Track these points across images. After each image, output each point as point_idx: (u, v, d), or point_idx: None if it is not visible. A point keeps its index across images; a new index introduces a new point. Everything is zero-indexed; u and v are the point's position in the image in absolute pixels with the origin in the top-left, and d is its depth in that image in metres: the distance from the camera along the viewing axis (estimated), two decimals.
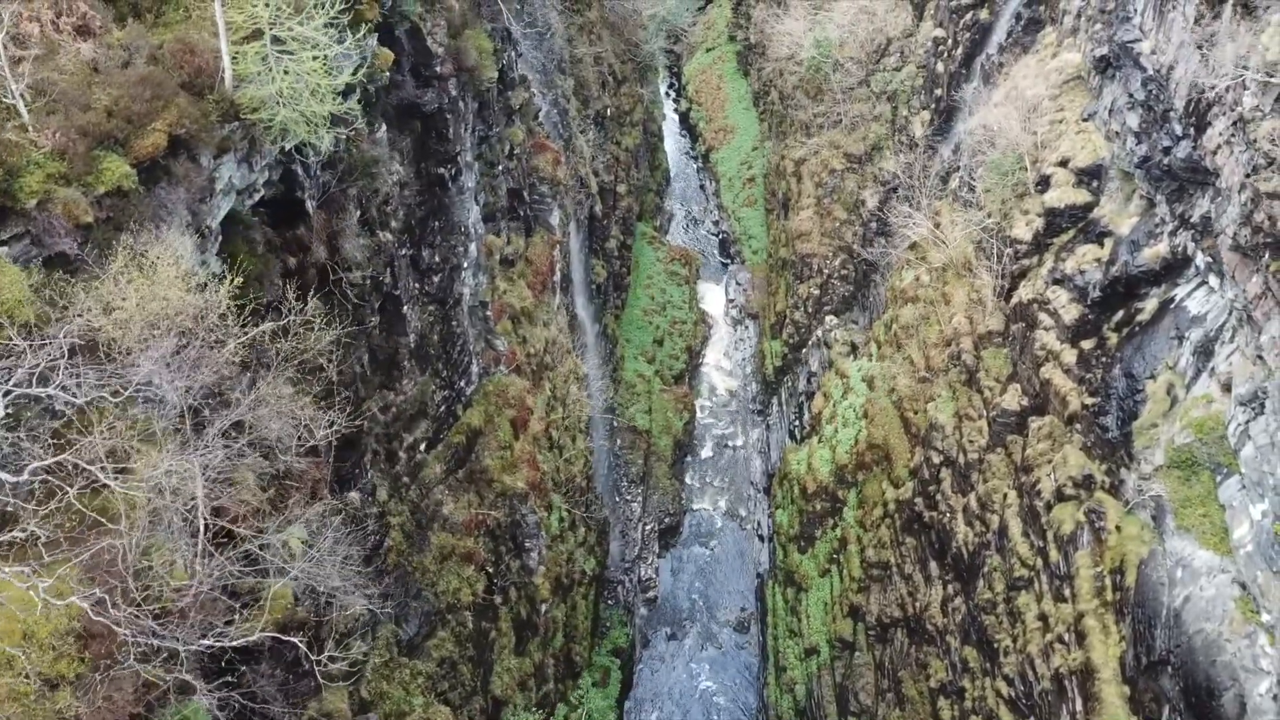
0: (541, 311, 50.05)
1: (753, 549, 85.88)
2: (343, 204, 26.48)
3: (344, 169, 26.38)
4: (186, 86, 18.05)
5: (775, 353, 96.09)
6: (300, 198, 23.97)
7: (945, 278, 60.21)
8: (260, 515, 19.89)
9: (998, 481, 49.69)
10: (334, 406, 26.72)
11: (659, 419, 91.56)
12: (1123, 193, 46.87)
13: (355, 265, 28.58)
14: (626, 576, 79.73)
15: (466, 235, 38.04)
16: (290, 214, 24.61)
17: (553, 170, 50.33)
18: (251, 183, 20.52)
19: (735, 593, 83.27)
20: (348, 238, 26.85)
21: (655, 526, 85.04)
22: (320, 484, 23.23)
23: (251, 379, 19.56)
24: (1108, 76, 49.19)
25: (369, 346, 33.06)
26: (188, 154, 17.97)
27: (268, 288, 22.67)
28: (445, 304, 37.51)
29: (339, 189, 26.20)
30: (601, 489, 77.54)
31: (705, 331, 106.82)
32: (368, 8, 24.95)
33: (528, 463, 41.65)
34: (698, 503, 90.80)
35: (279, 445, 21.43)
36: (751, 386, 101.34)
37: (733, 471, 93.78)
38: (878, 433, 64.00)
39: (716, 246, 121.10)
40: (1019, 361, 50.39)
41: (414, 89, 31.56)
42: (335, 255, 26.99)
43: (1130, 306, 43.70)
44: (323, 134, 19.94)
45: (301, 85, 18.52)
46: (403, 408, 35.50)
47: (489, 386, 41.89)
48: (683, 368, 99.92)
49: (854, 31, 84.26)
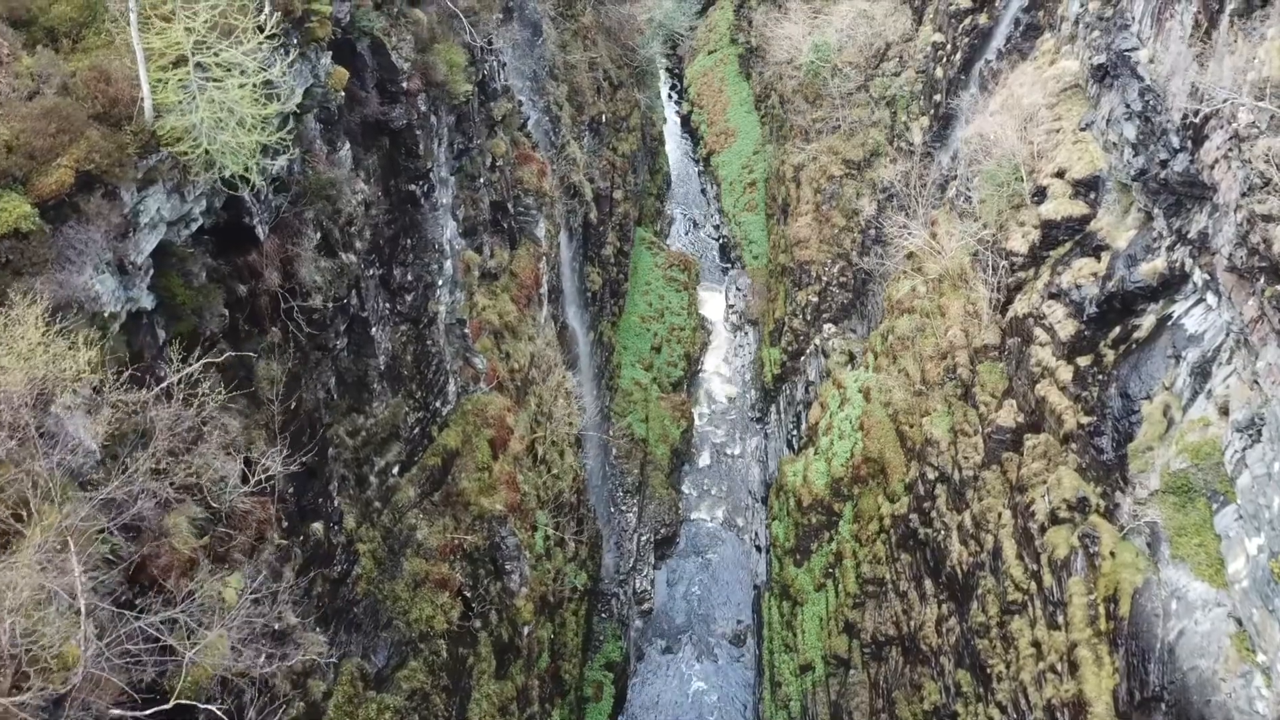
0: (526, 325, 49.01)
1: (750, 560, 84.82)
2: (299, 228, 25.47)
3: (299, 191, 25.35)
4: (101, 118, 16.96)
5: (774, 360, 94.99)
6: (249, 224, 22.96)
7: (941, 289, 59.07)
8: (193, 567, 18.86)
9: (992, 500, 48.55)
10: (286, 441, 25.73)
11: (656, 427, 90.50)
12: (1120, 205, 45.72)
13: (315, 289, 27.55)
14: (621, 589, 78.68)
15: (441, 252, 36.99)
16: (240, 239, 23.59)
17: (538, 182, 49.28)
18: (185, 213, 19.50)
19: (732, 604, 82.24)
20: (304, 262, 25.83)
21: (651, 537, 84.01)
22: (266, 524, 22.20)
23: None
24: (1105, 85, 48.04)
25: (336, 370, 32.04)
26: (103, 189, 16.94)
27: (209, 320, 21.61)
28: (419, 323, 36.48)
29: (294, 212, 25.18)
30: (595, 500, 76.56)
31: (704, 338, 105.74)
32: (318, 25, 23.91)
33: (507, 484, 40.60)
34: (695, 512, 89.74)
35: (213, 490, 20.41)
36: (750, 394, 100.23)
37: (731, 480, 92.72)
38: (873, 446, 62.90)
39: (717, 251, 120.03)
40: (1015, 377, 49.26)
41: (379, 105, 30.54)
42: (291, 280, 25.97)
43: (1127, 323, 42.54)
44: (253, 167, 18.88)
45: (228, 115, 17.44)
46: (373, 431, 34.48)
47: (467, 405, 40.86)
48: (681, 375, 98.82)
49: (853, 36, 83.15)
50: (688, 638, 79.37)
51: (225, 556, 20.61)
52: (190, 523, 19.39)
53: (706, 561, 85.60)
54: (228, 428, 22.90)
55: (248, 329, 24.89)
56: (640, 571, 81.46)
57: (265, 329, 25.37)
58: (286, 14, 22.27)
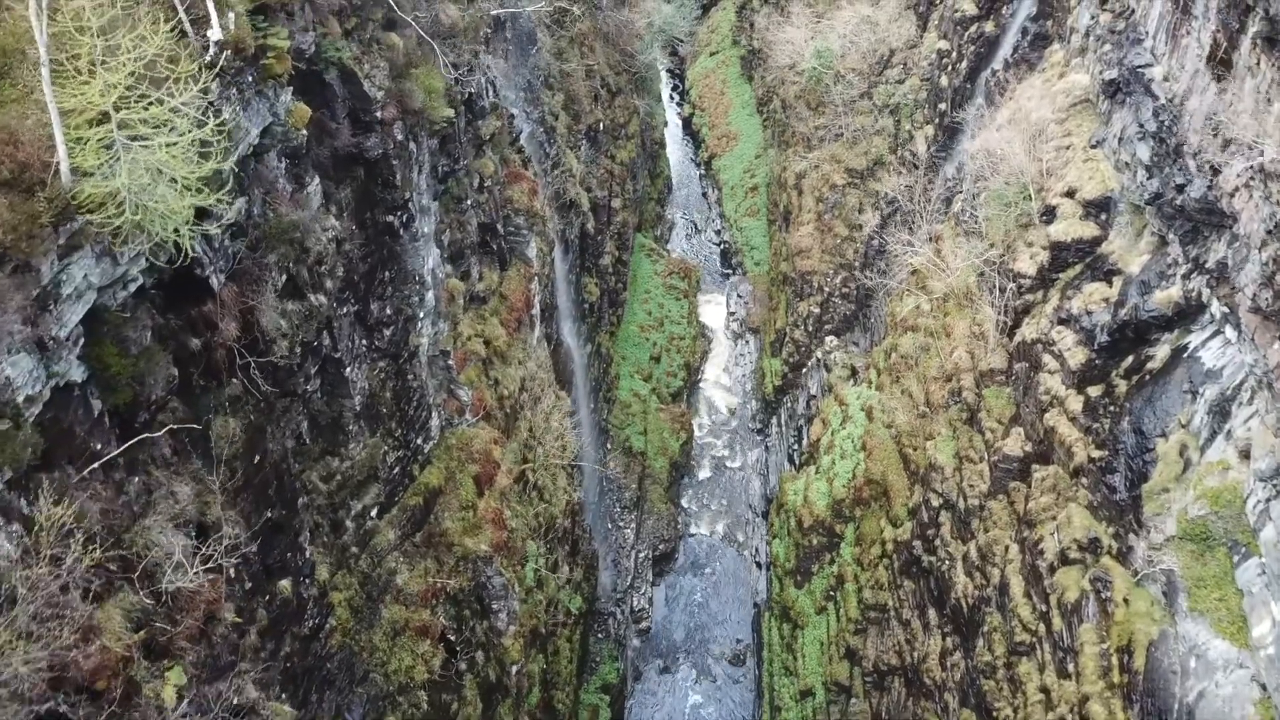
0: (516, 349, 47.34)
1: (750, 577, 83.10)
2: (259, 274, 23.79)
3: (259, 236, 23.68)
4: (9, 184, 15.28)
5: (775, 371, 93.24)
6: (203, 275, 21.28)
7: (946, 308, 57.30)
8: (128, 665, 17.21)
9: (999, 532, 46.86)
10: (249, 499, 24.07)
11: (655, 440, 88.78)
12: (1133, 227, 43.93)
13: (279, 336, 25.85)
14: (618, 608, 77.04)
15: (422, 283, 35.29)
16: (193, 289, 21.89)
17: (529, 201, 47.58)
18: (119, 276, 17.83)
19: (731, 623, 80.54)
20: (267, 309, 24.14)
21: (649, 554, 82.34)
22: (217, 603, 20.53)
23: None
24: (1117, 102, 46.23)
25: (308, 413, 30.39)
26: (13, 264, 15.26)
27: (154, 384, 19.90)
28: (399, 358, 34.81)
29: (254, 258, 23.51)
30: (592, 517, 74.93)
31: (705, 346, 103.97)
32: (276, 61, 22.20)
33: (493, 522, 38.93)
34: (694, 527, 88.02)
35: (158, 573, 18.77)
36: (751, 404, 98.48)
37: (731, 494, 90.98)
38: (876, 468, 61.17)
39: (718, 256, 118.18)
40: (1022, 404, 47.53)
41: (351, 136, 28.82)
42: (252, 330, 24.27)
43: (1140, 352, 40.80)
44: (185, 234, 17.16)
45: (156, 177, 15.74)
46: (349, 474, 32.83)
47: (451, 440, 39.19)
48: (681, 385, 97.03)
49: (856, 42, 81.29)
50: (686, 657, 77.71)
51: (167, 648, 18.94)
52: (125, 615, 17.72)
53: (706, 578, 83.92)
54: (177, 496, 21.22)
55: (203, 383, 23.20)
56: (638, 589, 79.80)
57: (223, 382, 23.68)
58: (237, 52, 20.58)
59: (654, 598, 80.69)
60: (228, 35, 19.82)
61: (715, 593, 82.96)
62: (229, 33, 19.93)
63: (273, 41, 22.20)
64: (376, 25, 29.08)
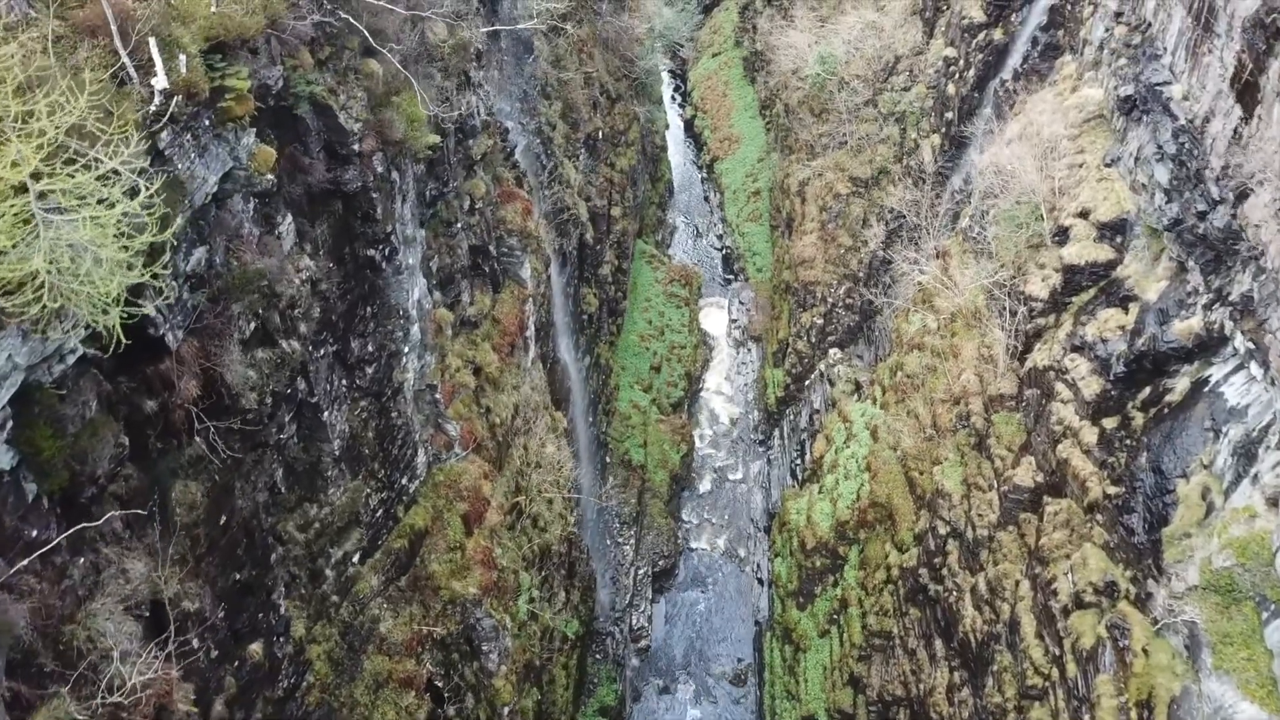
0: (509, 375, 45.67)
1: (752, 593, 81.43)
2: (222, 327, 22.14)
3: (223, 286, 22.03)
4: None
5: (778, 382, 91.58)
6: (157, 334, 19.63)
7: (953, 327, 55.58)
8: None
9: (1009, 565, 45.18)
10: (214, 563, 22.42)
11: (655, 452, 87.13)
12: (1150, 251, 42.21)
13: (248, 387, 24.19)
14: (616, 627, 75.42)
15: (406, 317, 33.60)
16: (147, 348, 20.23)
17: (523, 221, 45.90)
18: (52, 352, 16.20)
19: (732, 641, 78.90)
20: (231, 364, 22.49)
21: (649, 570, 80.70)
22: (169, 696, 18.89)
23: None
24: (1133, 119, 44.51)
25: (283, 460, 28.73)
26: None
27: (97, 462, 18.26)
28: (382, 396, 33.15)
29: (216, 311, 21.87)
30: (590, 536, 73.34)
31: (706, 355, 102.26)
32: (236, 104, 20.52)
33: (482, 563, 37.29)
34: (695, 542, 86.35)
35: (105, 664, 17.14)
36: (753, 414, 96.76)
37: (733, 508, 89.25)
38: (881, 490, 59.51)
39: (720, 262, 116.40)
40: (1034, 432, 45.83)
41: (327, 171, 27.14)
42: (216, 384, 22.61)
43: (1158, 384, 39.09)
44: (116, 316, 15.45)
45: (80, 255, 14.08)
46: (329, 521, 31.19)
47: (439, 477, 37.54)
48: (681, 395, 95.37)
49: (860, 48, 79.44)
50: (686, 677, 76.11)
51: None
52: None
53: (706, 594, 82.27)
54: (129, 575, 19.57)
55: (160, 446, 21.55)
56: (637, 607, 78.16)
57: (183, 444, 22.03)
58: (190, 97, 18.93)
59: (653, 615, 79.06)
60: (177, 80, 18.18)
61: (716, 610, 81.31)
62: (179, 77, 18.29)
63: (232, 83, 20.53)
64: (354, 53, 27.41)
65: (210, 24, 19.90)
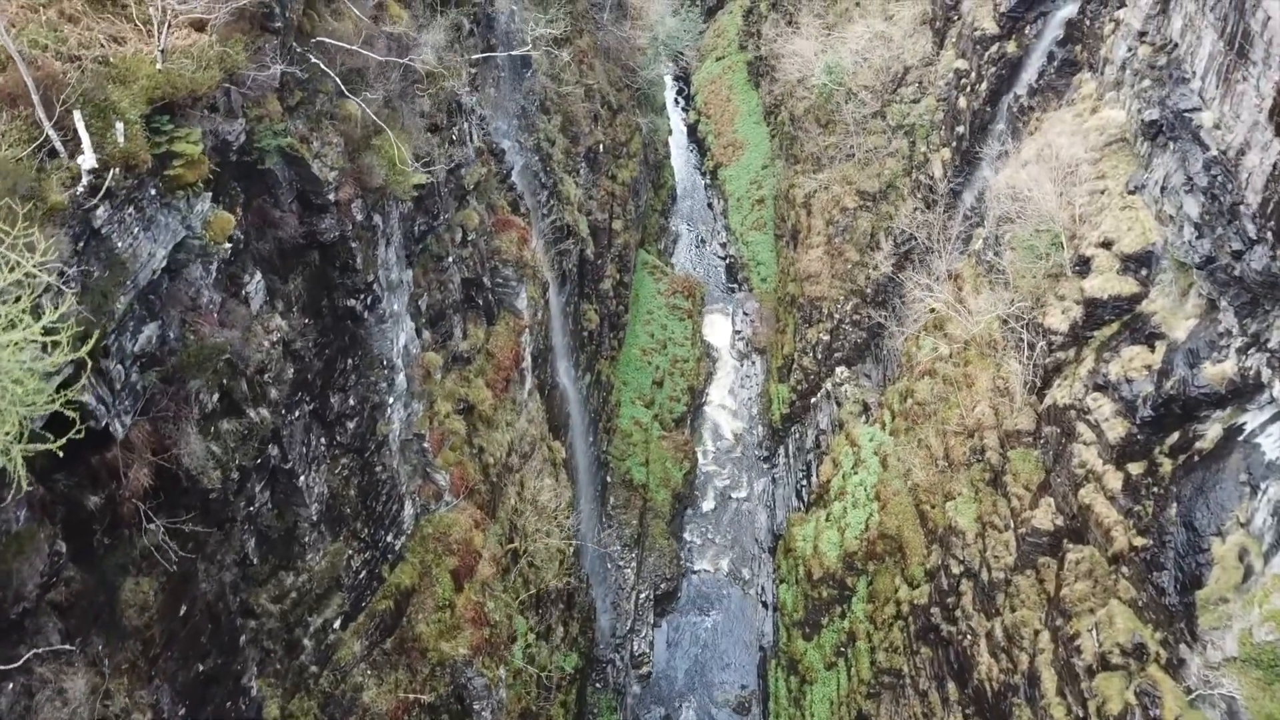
0: (504, 411, 43.62)
1: (756, 617, 79.33)
2: (178, 408, 20.10)
3: (179, 363, 19.99)
4: None
5: (783, 398, 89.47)
6: (98, 426, 17.61)
7: (967, 355, 53.48)
8: None
9: (1027, 612, 43.15)
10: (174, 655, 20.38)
11: (657, 470, 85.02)
12: (1177, 286, 40.08)
13: (212, 464, 22.13)
14: (617, 654, 73.44)
15: (390, 367, 31.55)
16: (91, 439, 18.20)
17: (518, 250, 43.83)
18: None
19: (736, 667, 76.80)
20: (189, 446, 20.44)
21: (651, 594, 78.63)
22: None
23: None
24: (1159, 145, 42.31)
25: (255, 530, 26.67)
26: None
27: (24, 578, 16.23)
28: (364, 451, 31.12)
29: (170, 391, 19.83)
30: (589, 562, 71.28)
31: (709, 367, 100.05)
32: (186, 170, 18.44)
33: (473, 621, 35.25)
34: (698, 563, 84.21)
35: None
36: (757, 430, 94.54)
37: (736, 527, 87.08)
38: (891, 522, 57.46)
39: (723, 271, 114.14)
40: (1053, 472, 43.74)
41: (300, 223, 25.05)
42: (172, 469, 20.55)
43: (1188, 429, 37.02)
44: (16, 456, 13.39)
45: None
46: (306, 589, 29.15)
47: (427, 529, 35.51)
48: (684, 410, 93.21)
49: (868, 58, 77.22)
50: (688, 705, 74.05)
51: None
52: None
53: (709, 619, 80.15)
54: (67, 695, 17.53)
55: (108, 542, 19.50)
56: (638, 633, 76.13)
57: (134, 537, 19.98)
58: (129, 169, 16.89)
59: (655, 641, 77.02)
60: (113, 152, 16.14)
61: (719, 634, 79.23)
62: (115, 148, 16.26)
63: (181, 147, 18.44)
64: (328, 97, 25.31)
65: (154, 83, 17.84)
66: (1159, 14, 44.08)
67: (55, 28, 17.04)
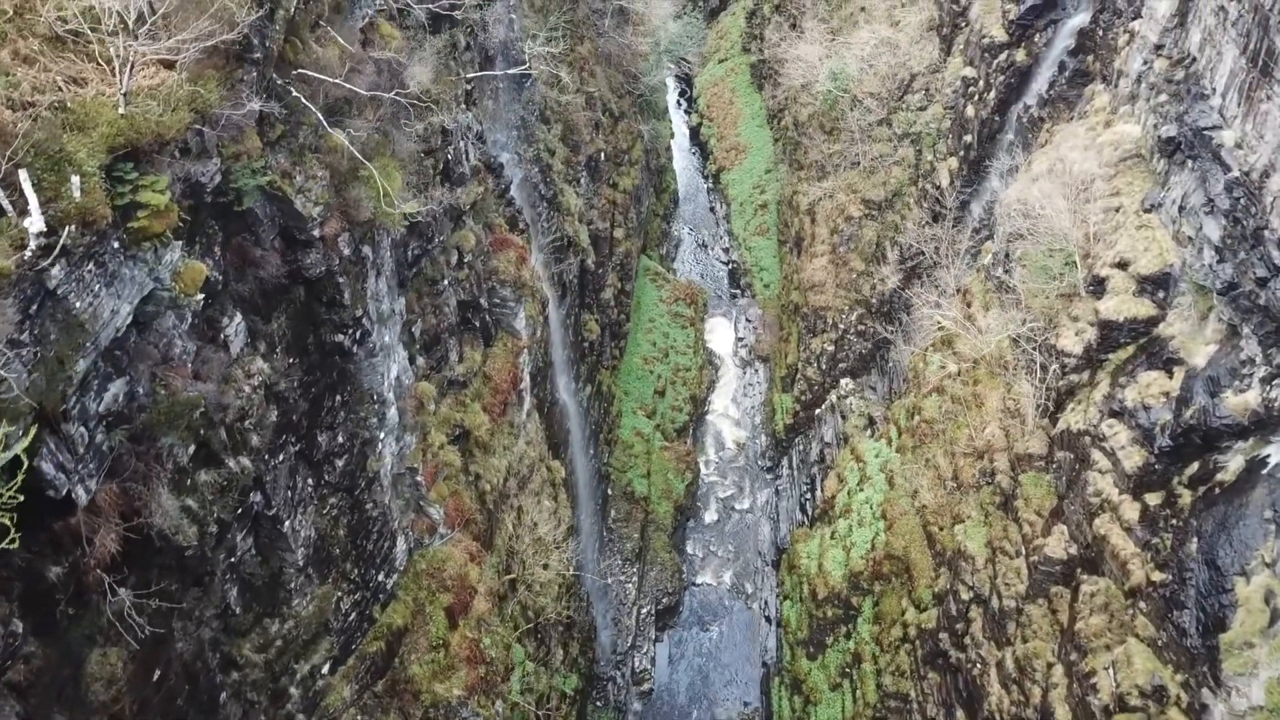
0: (501, 436, 42.43)
1: (759, 632, 78.08)
2: (148, 468, 18.88)
3: (147, 421, 18.77)
4: None
5: (786, 408, 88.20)
6: (57, 496, 16.39)
7: (976, 374, 52.18)
8: None
9: (1040, 644, 41.92)
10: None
11: (658, 482, 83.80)
12: (1196, 310, 38.78)
13: (191, 518, 20.91)
14: (618, 671, 72.28)
15: (381, 401, 30.33)
16: (52, 505, 16.99)
17: (517, 270, 42.62)
18: None
19: (738, 683, 75.64)
20: (159, 507, 19.22)
21: (652, 609, 77.43)
22: None
23: None
24: (1176, 162, 41.03)
25: (238, 579, 25.45)
26: None
27: None
28: (355, 490, 29.91)
29: (138, 450, 18.62)
30: (590, 577, 70.07)
31: (711, 375, 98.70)
32: (152, 221, 17.18)
33: (468, 660, 34.05)
34: (700, 576, 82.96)
35: None
36: (761, 439, 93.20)
37: (739, 539, 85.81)
38: (897, 542, 56.19)
39: (726, 276, 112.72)
40: (1066, 499, 42.50)
41: (281, 262, 23.80)
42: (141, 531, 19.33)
43: (1208, 459, 35.77)
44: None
45: None
46: (293, 635, 27.94)
47: (420, 564, 34.32)
48: (686, 420, 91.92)
49: (874, 64, 75.87)
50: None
51: None
52: None
53: (711, 633, 78.96)
54: None
55: (72, 612, 18.27)
56: (639, 648, 74.94)
57: (101, 606, 18.75)
58: (86, 225, 15.66)
59: (656, 656, 75.84)
60: (68, 208, 14.91)
61: (721, 649, 78.05)
62: (70, 204, 15.03)
63: (146, 197, 17.20)
64: (312, 128, 24.02)
65: (116, 130, 16.60)
66: (1176, 27, 42.79)
67: (6, 71, 15.83)
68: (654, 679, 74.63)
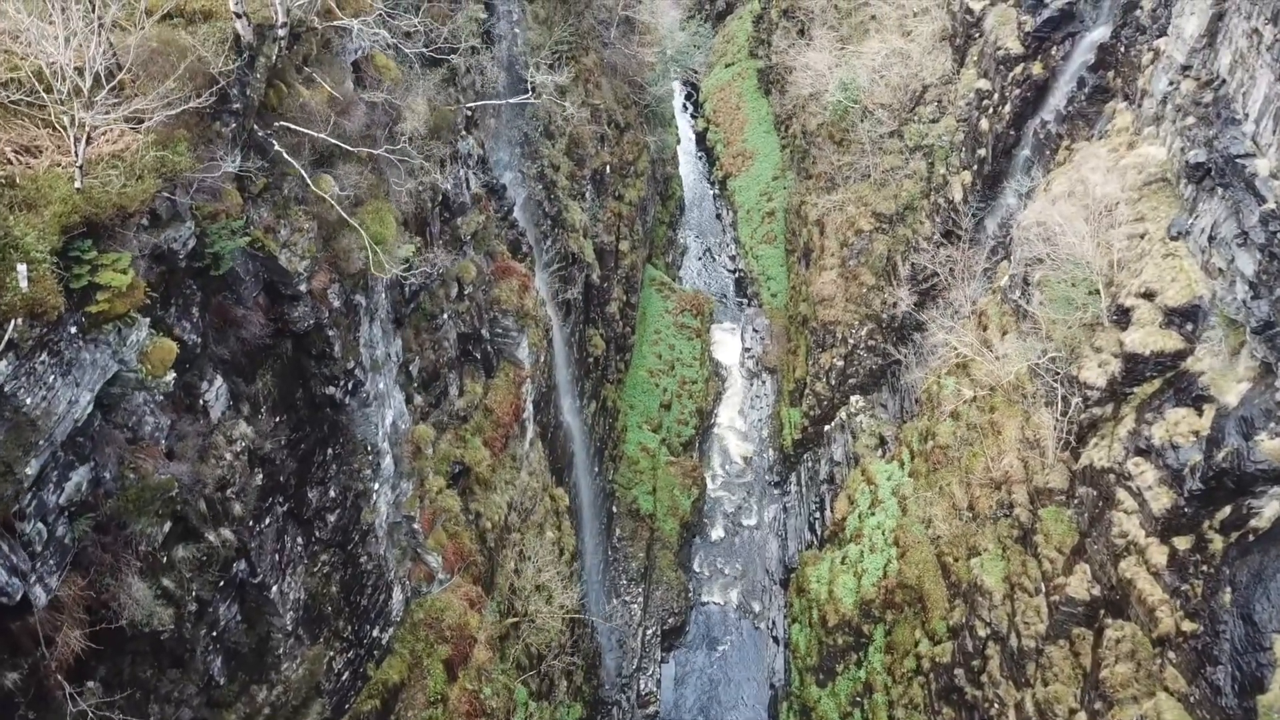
0: (503, 470, 40.98)
1: (767, 653, 76.53)
2: (113, 560, 17.44)
3: (115, 508, 17.34)
4: None
5: (794, 423, 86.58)
6: (11, 602, 14.95)
7: (993, 401, 50.62)
8: None
9: (1061, 688, 40.43)
10: None
11: (664, 499, 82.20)
12: (1227, 345, 37.18)
13: (167, 599, 19.47)
14: (623, 695, 70.77)
15: (376, 451, 28.87)
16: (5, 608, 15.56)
17: (519, 299, 41.14)
18: None
19: (746, 705, 74.09)
20: (129, 597, 17.77)
21: (658, 629, 75.87)
22: None
23: None
24: (1205, 189, 39.43)
25: (222, 648, 23.97)
26: None
27: None
28: (348, 545, 28.44)
29: (104, 541, 17.19)
30: (595, 599, 68.63)
31: (718, 387, 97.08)
32: (112, 302, 15.72)
33: (467, 714, 32.59)
34: (706, 595, 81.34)
35: None
36: (768, 454, 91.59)
37: (746, 557, 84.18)
38: (910, 571, 54.63)
39: (732, 284, 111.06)
40: (1088, 537, 40.99)
41: (266, 319, 22.37)
42: (108, 623, 17.88)
43: (1240, 504, 34.17)
44: None
45: None
46: (281, 701, 26.50)
47: (418, 614, 32.89)
48: (692, 433, 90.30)
49: (885, 75, 74.23)
50: None
51: None
52: None
53: (718, 654, 77.36)
54: None
55: (35, 715, 16.82)
56: (645, 670, 73.43)
57: (65, 703, 17.30)
58: (35, 317, 14.20)
59: (661, 679, 74.29)
60: (14, 300, 13.47)
61: (728, 671, 76.50)
62: (16, 295, 13.59)
63: (106, 278, 15.74)
64: (297, 179, 22.55)
65: (71, 207, 15.15)
66: (1205, 47, 41.17)
67: None
68: (660, 701, 73.13)
